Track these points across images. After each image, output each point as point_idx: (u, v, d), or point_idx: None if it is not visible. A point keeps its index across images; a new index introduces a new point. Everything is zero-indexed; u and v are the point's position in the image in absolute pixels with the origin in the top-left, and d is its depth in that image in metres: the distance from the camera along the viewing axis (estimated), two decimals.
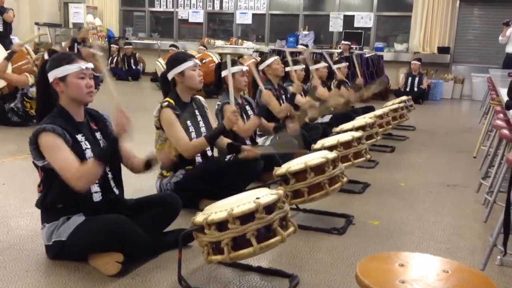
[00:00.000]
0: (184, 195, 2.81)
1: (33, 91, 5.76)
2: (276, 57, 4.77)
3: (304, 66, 5.24)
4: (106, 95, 2.42)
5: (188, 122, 3.19)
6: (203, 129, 3.27)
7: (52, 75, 2.38)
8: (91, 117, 2.54)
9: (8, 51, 5.86)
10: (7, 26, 9.40)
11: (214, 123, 3.40)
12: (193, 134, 3.19)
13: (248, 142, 3.89)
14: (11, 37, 9.47)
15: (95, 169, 2.29)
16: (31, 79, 5.78)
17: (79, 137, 2.39)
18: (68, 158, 2.28)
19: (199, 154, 3.26)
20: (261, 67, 4.74)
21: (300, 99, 4.86)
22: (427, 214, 3.42)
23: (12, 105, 5.85)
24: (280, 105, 4.52)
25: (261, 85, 4.28)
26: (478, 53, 10.67)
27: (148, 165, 2.61)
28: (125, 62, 11.78)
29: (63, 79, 2.36)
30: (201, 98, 3.42)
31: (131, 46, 11.99)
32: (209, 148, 3.31)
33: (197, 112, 3.30)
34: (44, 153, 2.30)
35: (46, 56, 5.77)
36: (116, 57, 12.07)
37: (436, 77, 10.71)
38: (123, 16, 13.93)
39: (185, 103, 3.23)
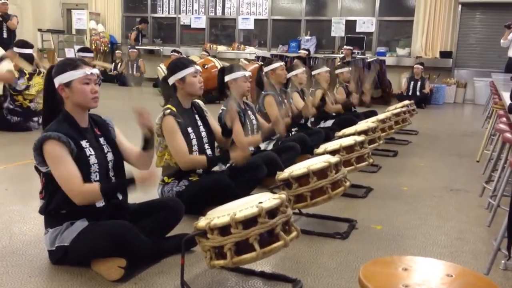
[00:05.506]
0: (186, 205, 2.80)
1: (21, 83, 5.79)
2: (282, 63, 4.77)
3: (305, 69, 5.25)
4: (105, 99, 2.45)
5: (189, 129, 3.18)
6: (203, 134, 3.26)
7: (57, 81, 2.39)
8: (94, 122, 2.55)
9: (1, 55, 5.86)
10: (11, 33, 9.44)
11: (215, 126, 3.38)
12: (194, 141, 3.19)
13: (251, 148, 3.89)
14: None
15: (97, 195, 2.34)
16: (16, 73, 5.79)
17: (84, 143, 2.40)
18: (71, 171, 2.30)
19: None
20: (265, 69, 4.74)
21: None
22: (430, 219, 3.41)
23: (6, 104, 5.84)
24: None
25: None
26: (480, 57, 10.66)
27: (146, 143, 2.55)
28: (129, 67, 11.79)
29: (68, 84, 2.37)
30: (200, 102, 3.41)
31: (136, 51, 12.00)
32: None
33: (197, 117, 3.30)
34: (48, 162, 2.31)
35: None
36: (120, 64, 12.07)
37: (439, 81, 10.70)
38: (125, 22, 13.97)
39: (186, 109, 3.24)
